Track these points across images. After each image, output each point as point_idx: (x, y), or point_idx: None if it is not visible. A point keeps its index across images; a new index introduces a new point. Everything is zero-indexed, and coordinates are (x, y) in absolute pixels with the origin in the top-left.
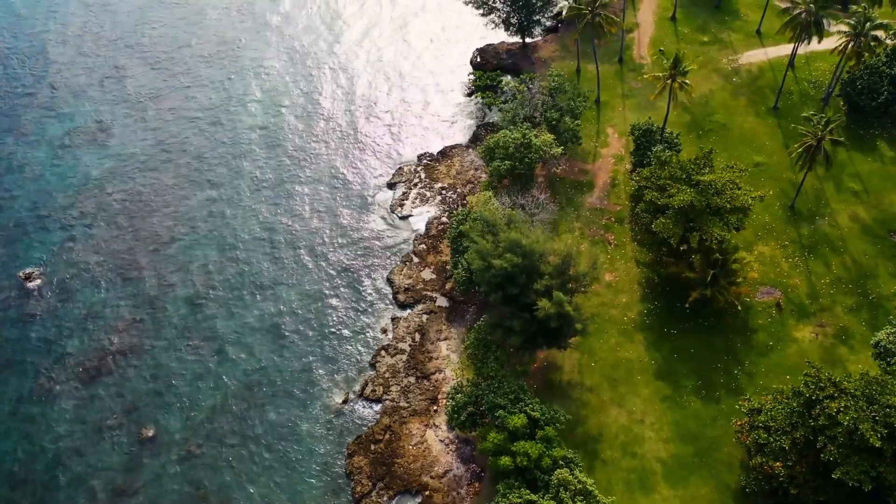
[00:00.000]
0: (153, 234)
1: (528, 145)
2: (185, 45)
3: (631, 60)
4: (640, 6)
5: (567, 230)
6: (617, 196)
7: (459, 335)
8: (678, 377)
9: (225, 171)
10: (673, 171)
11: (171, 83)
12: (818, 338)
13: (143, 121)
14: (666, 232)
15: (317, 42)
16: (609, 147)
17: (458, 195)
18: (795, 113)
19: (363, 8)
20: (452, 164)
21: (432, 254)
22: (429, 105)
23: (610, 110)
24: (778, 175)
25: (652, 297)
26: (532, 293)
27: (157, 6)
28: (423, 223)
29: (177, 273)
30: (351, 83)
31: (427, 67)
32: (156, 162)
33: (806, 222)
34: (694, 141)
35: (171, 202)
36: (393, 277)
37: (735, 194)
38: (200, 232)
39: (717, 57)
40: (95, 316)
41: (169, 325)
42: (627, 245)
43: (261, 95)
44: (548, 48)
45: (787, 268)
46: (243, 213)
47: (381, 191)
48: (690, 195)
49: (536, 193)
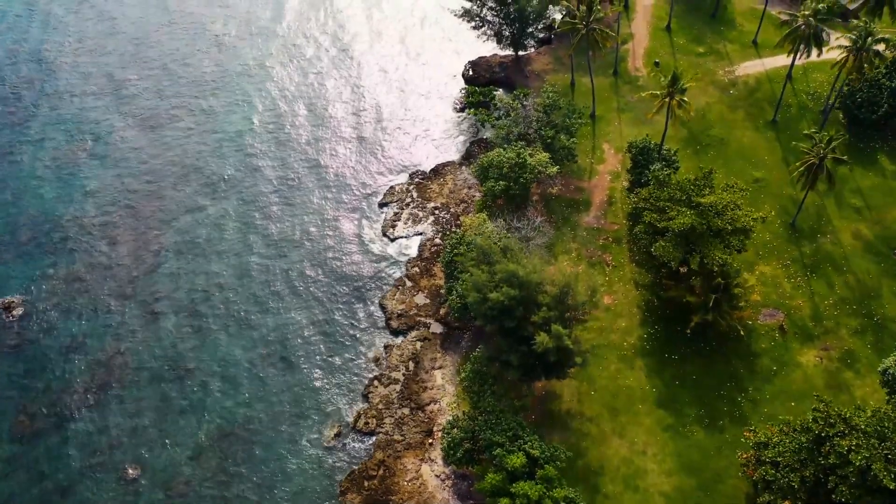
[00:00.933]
0: (137, 260)
1: (523, 165)
2: (175, 59)
3: (626, 73)
4: (633, 16)
5: (563, 251)
6: (614, 215)
7: (454, 363)
8: (680, 405)
9: (211, 195)
10: (672, 193)
11: (156, 102)
12: (823, 362)
13: (127, 140)
14: (666, 256)
15: (306, 60)
16: (605, 163)
17: (451, 215)
18: (794, 126)
19: (352, 23)
20: (445, 182)
21: (426, 277)
22: (421, 120)
23: (605, 125)
24: (778, 191)
25: (652, 320)
26: (530, 326)
27: (155, 20)
28: (415, 245)
29: (162, 301)
30: (340, 100)
31: (419, 81)
32: (140, 183)
33: (807, 240)
34: (691, 156)
35: (156, 226)
36: (385, 302)
37: (736, 215)
38: (186, 257)
39: (714, 68)
40: (78, 347)
41: (153, 356)
42: (626, 266)
43: (247, 116)
44: (541, 61)
45: (789, 288)
46: (230, 237)
47: (373, 211)
48: (691, 218)
49: (532, 216)
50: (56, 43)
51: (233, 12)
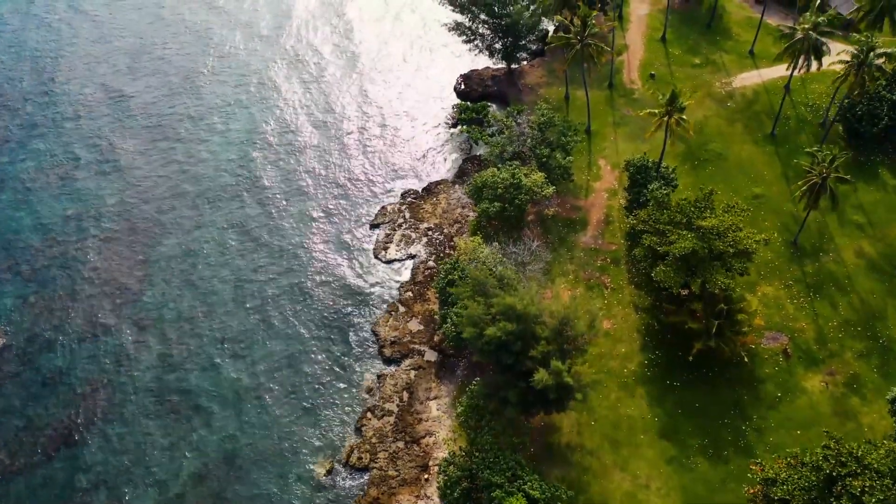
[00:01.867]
0: (122, 287)
1: (518, 186)
2: (157, 73)
3: (621, 85)
4: (628, 27)
5: (561, 273)
6: (612, 234)
7: (450, 393)
8: (683, 436)
9: (198, 218)
10: (672, 215)
11: (140, 122)
12: (828, 387)
13: (111, 161)
14: (667, 281)
15: (295, 78)
16: (601, 181)
17: (444, 236)
18: (793, 139)
19: (342, 36)
20: (438, 201)
21: (419, 302)
22: (412, 137)
23: (601, 140)
24: (778, 208)
25: (652, 345)
26: (528, 360)
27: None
28: (408, 268)
29: (147, 330)
30: (330, 117)
31: (410, 96)
32: (125, 206)
33: (810, 259)
34: (690, 172)
35: (141, 251)
36: (378, 329)
37: (738, 237)
38: (172, 284)
39: (710, 80)
40: (60, 379)
41: (138, 389)
42: (625, 288)
43: (234, 134)
44: (534, 74)
45: (792, 310)
46: (217, 262)
47: (365, 232)
48: (692, 242)
49: (528, 239)
50: (40, 57)
51: (218, 36)
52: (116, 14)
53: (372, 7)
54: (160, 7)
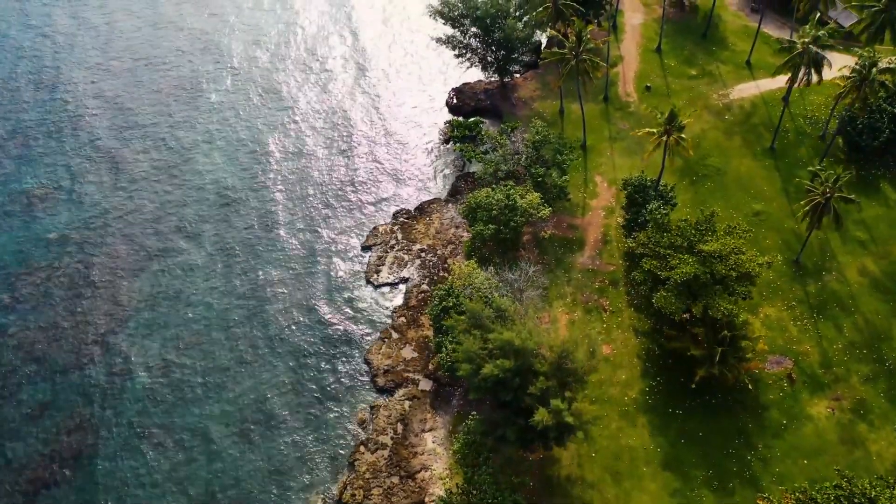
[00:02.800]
0: (104, 316)
1: (513, 207)
2: (138, 86)
3: (616, 98)
4: (622, 37)
5: (558, 296)
6: (610, 254)
7: (446, 424)
8: (687, 467)
9: (183, 242)
10: (673, 239)
11: (123, 141)
12: (835, 413)
13: (94, 183)
14: (668, 307)
15: (282, 90)
16: (598, 198)
17: (438, 258)
18: (793, 153)
19: (331, 50)
20: (431, 221)
21: (413, 327)
22: (403, 154)
23: (597, 156)
24: (779, 225)
25: (653, 371)
26: (527, 397)
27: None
28: (401, 292)
29: (131, 360)
30: (317, 135)
31: (400, 111)
32: (106, 231)
33: (812, 278)
34: (688, 188)
35: (123, 277)
36: (371, 357)
37: (740, 260)
38: (156, 311)
39: (707, 92)
40: (40, 415)
41: (122, 423)
42: (624, 311)
43: (220, 155)
44: (528, 87)
45: (795, 332)
46: (203, 287)
47: (356, 255)
48: (693, 267)
49: (524, 264)
50: (24, 72)
51: (205, 43)
52: (100, 26)
53: (359, 18)
54: (150, 19)
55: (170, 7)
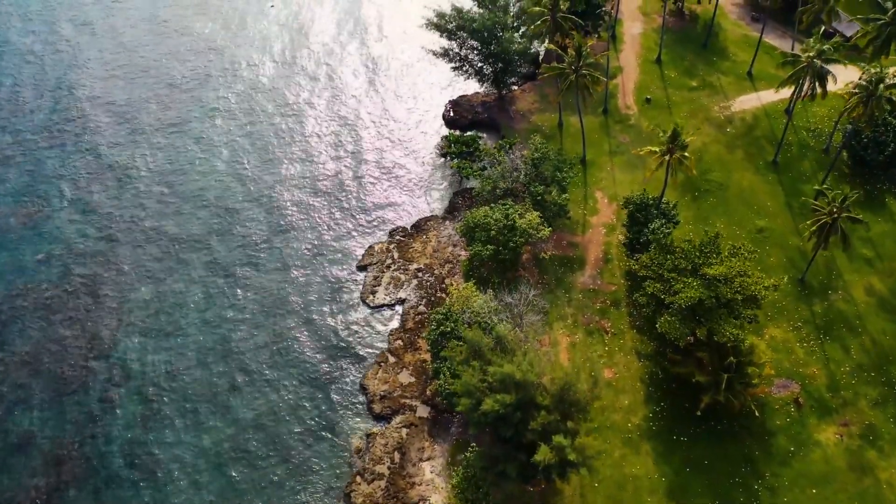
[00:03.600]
0: (93, 338)
1: (512, 227)
2: (136, 105)
3: (616, 111)
4: (622, 47)
5: (558, 318)
6: (611, 274)
7: (444, 453)
8: (692, 496)
9: (174, 260)
10: (677, 262)
11: (111, 157)
12: (843, 440)
13: (82, 200)
14: (672, 333)
15: (273, 101)
16: (599, 214)
17: (435, 278)
18: (796, 167)
19: (320, 63)
20: (428, 239)
21: (410, 351)
22: (399, 169)
23: (597, 170)
24: (783, 241)
25: (657, 396)
26: (528, 432)
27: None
28: (398, 314)
29: (120, 386)
30: (310, 149)
31: (396, 124)
32: (97, 250)
33: (818, 298)
34: (690, 204)
35: (115, 299)
36: (367, 383)
37: (745, 283)
38: (147, 335)
39: (708, 104)
40: (29, 443)
41: (112, 451)
42: (626, 333)
43: (211, 170)
44: (526, 99)
45: (802, 354)
46: (194, 309)
47: (351, 275)
48: (698, 291)
49: (524, 289)
50: (17, 84)
51: (195, 51)
52: (85, 38)
53: (352, 29)
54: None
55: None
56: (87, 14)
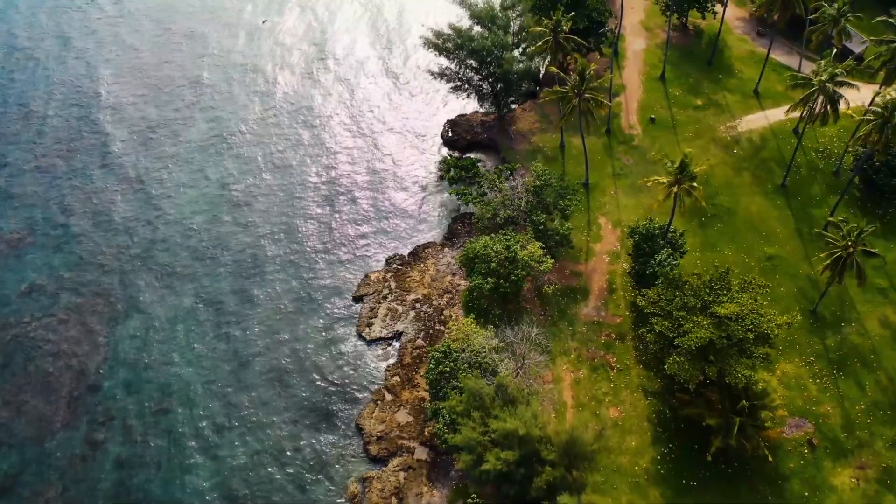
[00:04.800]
0: (79, 374)
1: (514, 259)
2: (122, 124)
3: (619, 131)
4: (624, 64)
5: (562, 352)
6: (616, 305)
7: (443, 499)
8: None
9: (163, 289)
10: (686, 300)
11: (98, 181)
12: (859, 484)
13: (69, 226)
14: (682, 374)
15: (264, 119)
16: (602, 241)
17: (434, 309)
18: (805, 191)
19: (316, 79)
20: (426, 267)
21: (407, 388)
22: (396, 193)
23: (600, 194)
24: (794, 270)
25: (665, 437)
26: (532, 490)
27: None
28: (395, 348)
29: (106, 425)
30: (303, 171)
31: (392, 145)
32: (84, 279)
33: (831, 330)
34: (697, 230)
35: (102, 331)
36: (362, 422)
37: (757, 321)
38: (135, 369)
39: (714, 124)
40: (8, 489)
41: (96, 496)
42: (632, 369)
43: (202, 194)
44: (526, 118)
45: (815, 391)
46: (183, 343)
47: (346, 307)
48: (708, 331)
49: (527, 329)
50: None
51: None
52: (68, 60)
53: (349, 46)
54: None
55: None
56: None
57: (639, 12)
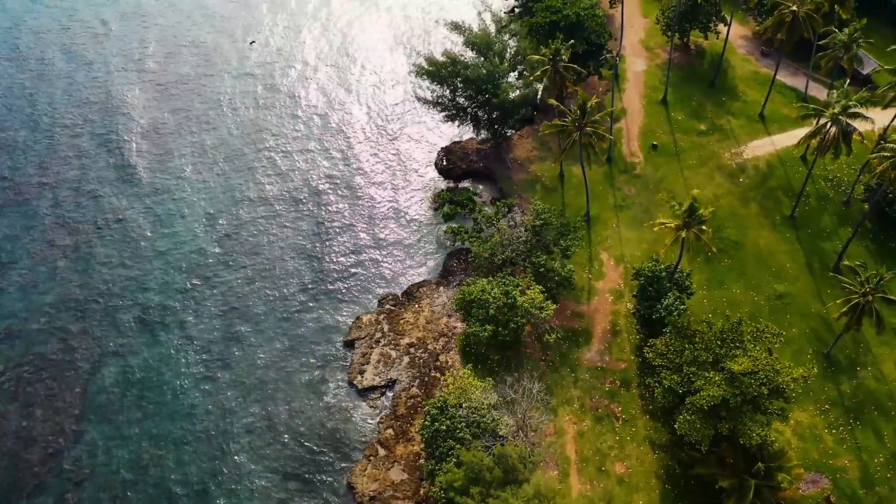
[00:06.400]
0: (53, 430)
1: (513, 306)
2: (99, 157)
3: (621, 159)
4: (625, 86)
5: (564, 401)
6: (620, 348)
7: None
8: None
9: (144, 334)
10: (697, 353)
11: (74, 214)
12: None
13: (42, 265)
14: (693, 434)
15: (252, 144)
16: (605, 279)
17: (429, 354)
18: (815, 222)
19: (315, 107)
20: (421, 308)
21: (402, 442)
22: (388, 227)
23: (602, 228)
24: (805, 309)
25: (675, 495)
26: None
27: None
28: (388, 397)
29: (82, 486)
30: (292, 203)
31: (384, 175)
32: (58, 324)
33: (846, 375)
34: (703, 266)
35: (77, 382)
36: (354, 480)
37: (772, 375)
38: (114, 424)
39: (719, 150)
40: None
41: None
42: (638, 420)
43: (186, 228)
44: (524, 146)
45: (831, 443)
46: (165, 393)
47: (337, 352)
48: (721, 389)
49: (528, 385)
50: None
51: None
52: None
53: (339, 70)
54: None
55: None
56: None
57: (638, 31)
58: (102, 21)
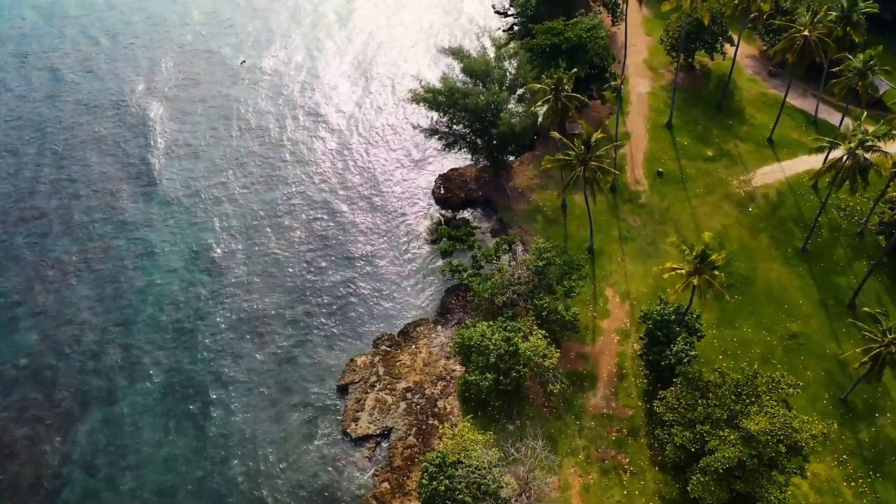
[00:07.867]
0: (32, 483)
1: (515, 353)
2: (81, 188)
3: (625, 188)
4: (628, 109)
5: (569, 452)
6: (627, 393)
7: None
8: None
9: (128, 379)
10: (711, 410)
11: (59, 247)
12: None
13: (21, 304)
14: (708, 497)
15: (241, 171)
16: (610, 317)
17: (427, 400)
18: (828, 255)
19: (308, 135)
20: (418, 349)
21: (398, 496)
22: (383, 260)
23: (606, 261)
24: (820, 350)
25: None
26: None
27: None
28: (384, 447)
29: None
30: (283, 234)
31: (379, 204)
32: (38, 366)
33: (864, 423)
34: (713, 304)
35: (59, 429)
36: None
37: (790, 434)
38: (97, 475)
39: (726, 177)
40: None
41: None
42: (647, 472)
43: (172, 260)
44: (524, 174)
45: (850, 497)
46: (149, 443)
47: (330, 398)
48: (737, 451)
49: (532, 443)
50: None
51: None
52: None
53: (332, 92)
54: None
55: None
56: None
57: (642, 51)
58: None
